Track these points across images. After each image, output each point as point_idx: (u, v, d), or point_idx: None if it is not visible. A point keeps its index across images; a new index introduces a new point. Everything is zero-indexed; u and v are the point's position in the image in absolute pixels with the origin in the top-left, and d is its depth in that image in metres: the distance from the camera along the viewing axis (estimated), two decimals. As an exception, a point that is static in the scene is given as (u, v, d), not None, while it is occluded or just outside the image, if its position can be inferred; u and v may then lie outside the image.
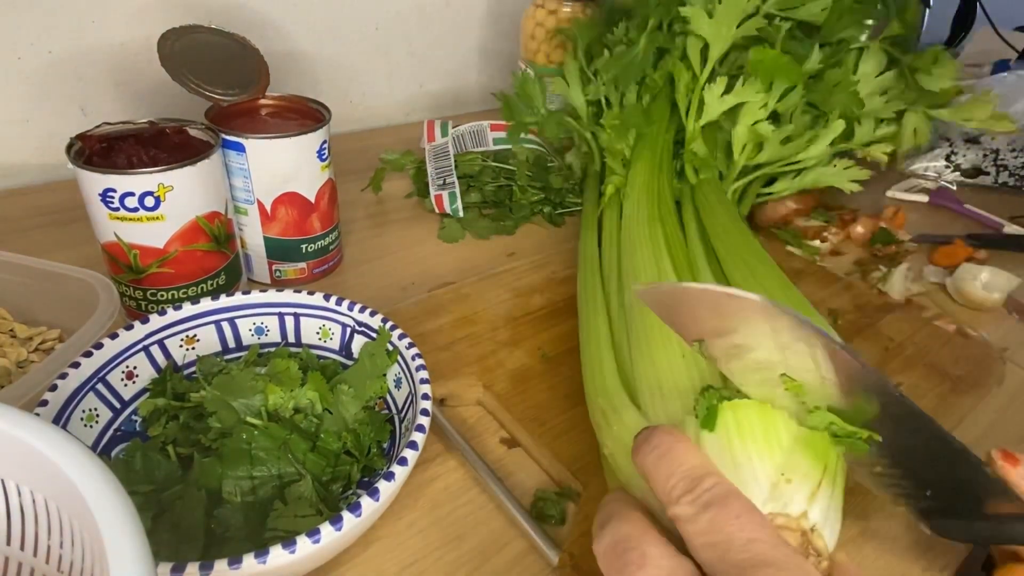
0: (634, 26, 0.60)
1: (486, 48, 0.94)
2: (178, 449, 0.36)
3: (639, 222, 0.46)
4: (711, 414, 0.27)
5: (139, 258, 0.43)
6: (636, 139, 0.56)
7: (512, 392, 0.43)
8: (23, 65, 0.61)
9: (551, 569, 0.34)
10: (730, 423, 0.27)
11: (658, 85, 0.58)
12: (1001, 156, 0.78)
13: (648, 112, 0.57)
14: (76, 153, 0.42)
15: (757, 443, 0.26)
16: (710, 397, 0.28)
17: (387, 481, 0.30)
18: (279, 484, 0.34)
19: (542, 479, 0.39)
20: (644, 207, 0.47)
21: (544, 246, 0.62)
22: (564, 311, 0.52)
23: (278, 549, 0.27)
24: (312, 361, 0.41)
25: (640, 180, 0.51)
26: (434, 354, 0.46)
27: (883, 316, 0.55)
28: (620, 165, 0.56)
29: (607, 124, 0.57)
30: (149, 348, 0.39)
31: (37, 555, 0.25)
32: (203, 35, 0.51)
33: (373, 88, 0.86)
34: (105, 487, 0.20)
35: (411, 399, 0.37)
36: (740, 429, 0.27)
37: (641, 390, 0.33)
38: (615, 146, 0.56)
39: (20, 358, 0.41)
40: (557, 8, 0.73)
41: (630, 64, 0.58)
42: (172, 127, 0.45)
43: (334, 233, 0.55)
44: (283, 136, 0.47)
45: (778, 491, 0.26)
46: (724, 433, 0.27)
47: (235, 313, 0.42)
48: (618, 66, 0.58)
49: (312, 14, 0.76)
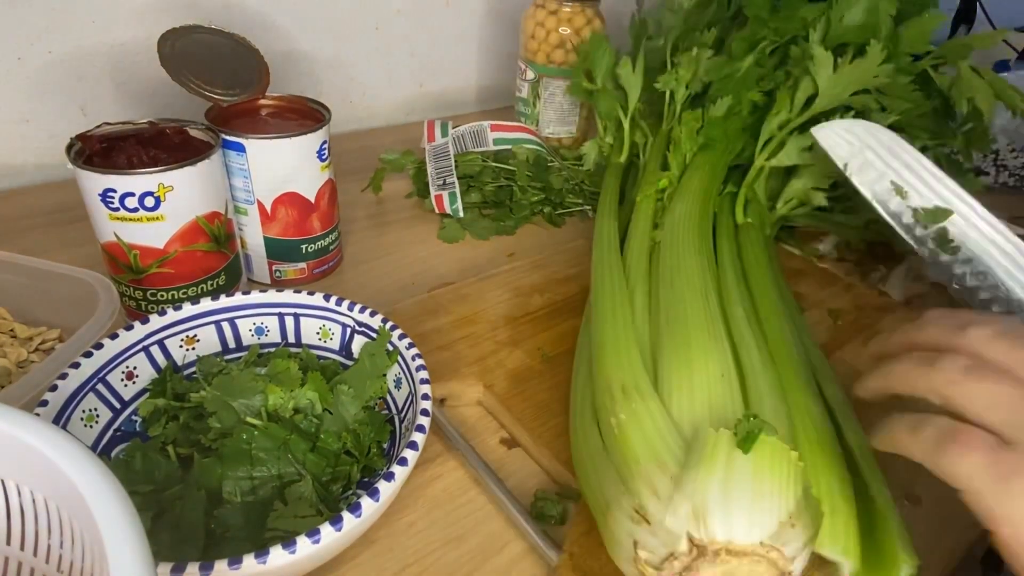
0: (742, 38, 0.58)
1: (486, 48, 0.94)
2: (178, 449, 0.36)
3: (688, 231, 0.46)
4: (750, 439, 0.28)
5: (139, 258, 0.43)
6: (699, 148, 0.55)
7: (512, 392, 0.43)
8: (23, 65, 0.61)
9: (551, 569, 0.34)
10: (764, 454, 0.28)
11: (747, 107, 0.57)
12: (1001, 156, 0.78)
13: (727, 129, 0.56)
14: (76, 153, 0.42)
15: (779, 482, 0.28)
16: (754, 424, 0.29)
17: (387, 481, 0.30)
18: (279, 484, 0.34)
19: (542, 479, 0.39)
20: (695, 218, 0.47)
21: (544, 246, 0.62)
22: (564, 311, 0.52)
23: (278, 549, 0.27)
24: (312, 361, 0.41)
25: (695, 188, 0.51)
26: (434, 354, 0.46)
27: (883, 316, 0.55)
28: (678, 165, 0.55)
29: (684, 122, 0.55)
30: (149, 348, 0.39)
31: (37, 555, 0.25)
32: (203, 35, 0.51)
33: (373, 88, 0.86)
34: (105, 487, 0.20)
35: (411, 399, 0.37)
36: (771, 463, 0.28)
37: (670, 384, 0.34)
38: (683, 145, 0.55)
39: (20, 358, 0.41)
40: (557, 8, 0.73)
41: (728, 78, 0.56)
42: (172, 127, 0.45)
43: (334, 233, 0.55)
44: (283, 136, 0.47)
45: (784, 530, 0.27)
46: (755, 460, 0.28)
47: (235, 313, 0.42)
48: (717, 75, 0.57)
49: (312, 14, 0.76)
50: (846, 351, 0.50)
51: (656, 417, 0.32)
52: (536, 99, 0.79)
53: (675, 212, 0.48)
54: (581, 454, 0.35)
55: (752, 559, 0.27)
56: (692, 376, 0.33)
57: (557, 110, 0.79)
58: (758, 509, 0.27)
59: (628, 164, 0.63)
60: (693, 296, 0.39)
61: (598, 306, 0.41)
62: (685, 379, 0.33)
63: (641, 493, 0.29)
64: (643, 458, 0.30)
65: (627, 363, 0.36)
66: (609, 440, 0.33)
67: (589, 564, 0.33)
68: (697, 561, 0.27)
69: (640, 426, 0.31)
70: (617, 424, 0.32)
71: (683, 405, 0.32)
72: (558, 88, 0.77)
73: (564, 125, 0.80)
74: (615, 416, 0.33)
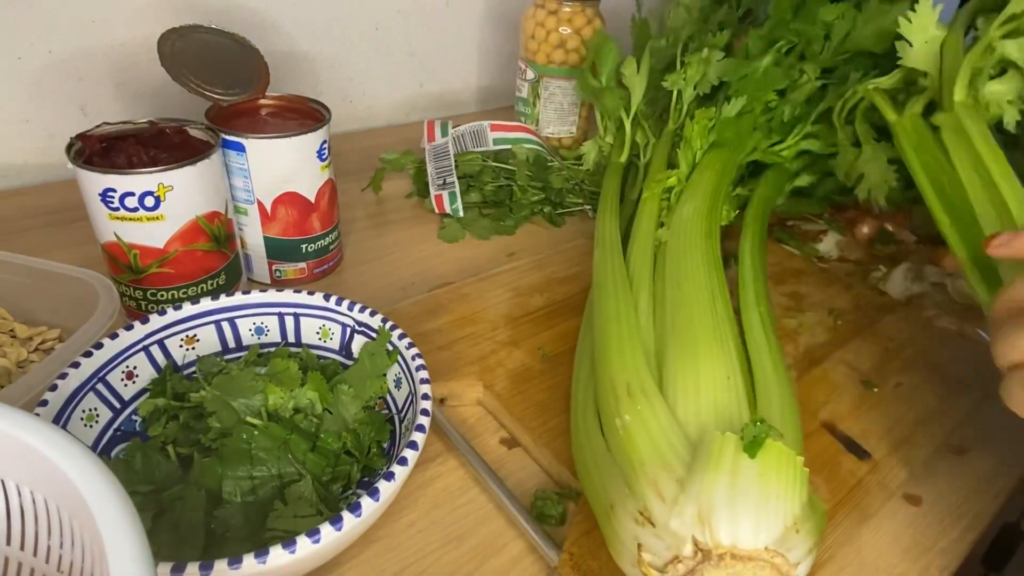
0: (759, 37, 0.58)
1: (486, 48, 0.94)
2: (178, 449, 0.36)
3: (696, 230, 0.46)
4: (757, 443, 0.28)
5: (139, 258, 0.43)
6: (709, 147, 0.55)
7: (512, 392, 0.43)
8: (23, 65, 0.61)
9: (551, 569, 0.34)
10: (771, 459, 0.28)
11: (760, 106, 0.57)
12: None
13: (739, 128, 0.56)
14: (76, 153, 0.42)
15: (785, 487, 0.28)
16: (762, 429, 0.29)
17: (387, 481, 0.30)
18: (279, 484, 0.34)
19: (542, 479, 0.39)
20: (704, 218, 0.47)
21: (544, 246, 0.62)
22: (564, 311, 0.52)
23: (278, 549, 0.27)
24: (312, 361, 0.41)
25: (704, 187, 0.51)
26: (434, 354, 0.46)
27: (883, 316, 0.55)
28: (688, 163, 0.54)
29: (697, 120, 0.55)
30: (149, 348, 0.39)
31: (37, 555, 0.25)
32: (203, 35, 0.51)
33: (373, 88, 0.86)
34: (105, 487, 0.20)
35: (411, 399, 0.37)
36: (777, 469, 0.28)
37: (675, 386, 0.34)
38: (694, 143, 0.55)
39: (20, 358, 0.41)
40: (557, 8, 0.73)
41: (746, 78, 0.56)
42: (172, 127, 0.45)
43: (334, 233, 0.55)
44: (283, 136, 0.47)
45: (788, 535, 0.27)
46: (761, 465, 0.28)
47: (235, 313, 0.42)
48: (735, 74, 0.57)
49: (312, 14, 0.76)
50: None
51: (661, 419, 0.32)
52: (536, 99, 0.79)
53: (683, 211, 0.48)
54: (583, 454, 0.35)
55: (756, 564, 0.27)
56: (698, 378, 0.33)
57: (557, 110, 0.79)
58: (764, 514, 0.27)
59: (627, 165, 0.63)
60: (700, 297, 0.39)
61: (601, 306, 0.41)
62: (691, 381, 0.33)
63: (646, 495, 0.29)
64: (648, 460, 0.30)
65: (632, 364, 0.36)
66: (613, 441, 0.33)
67: (589, 564, 0.33)
68: (701, 565, 0.27)
69: (645, 428, 0.31)
70: (622, 425, 0.32)
71: (688, 407, 0.32)
72: (558, 88, 0.77)
73: (564, 125, 0.80)
74: (620, 417, 0.33)
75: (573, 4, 0.73)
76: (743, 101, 0.55)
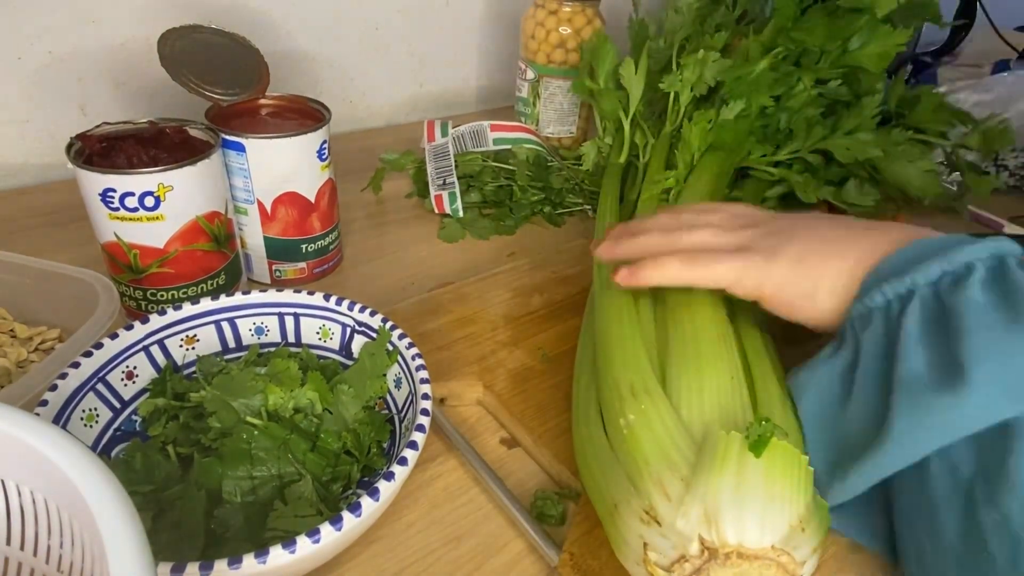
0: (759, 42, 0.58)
1: (486, 48, 0.94)
2: (178, 449, 0.36)
3: None
4: (761, 442, 0.28)
5: (139, 258, 0.43)
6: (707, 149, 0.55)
7: (512, 392, 0.43)
8: (23, 65, 0.61)
9: (551, 569, 0.34)
10: (776, 458, 0.28)
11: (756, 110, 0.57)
12: (1001, 156, 0.78)
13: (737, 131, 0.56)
14: (76, 153, 0.42)
15: (791, 486, 0.28)
16: (766, 428, 0.29)
17: (387, 481, 0.30)
18: (279, 484, 0.34)
19: (542, 479, 0.39)
20: None
21: (544, 246, 0.62)
22: (564, 311, 0.52)
23: (278, 549, 0.27)
24: (312, 361, 0.41)
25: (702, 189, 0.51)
26: (434, 354, 0.46)
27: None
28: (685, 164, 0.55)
29: (696, 122, 0.55)
30: (149, 348, 0.39)
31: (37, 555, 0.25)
32: (203, 35, 0.51)
33: (373, 88, 0.86)
34: (105, 487, 0.20)
35: (411, 399, 0.37)
36: (782, 467, 0.28)
37: (679, 385, 0.34)
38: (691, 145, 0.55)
39: (20, 358, 0.41)
40: (557, 8, 0.73)
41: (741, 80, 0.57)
42: (172, 127, 0.45)
43: (334, 233, 0.55)
44: (283, 136, 0.47)
45: (794, 534, 0.27)
46: (767, 464, 0.28)
47: (235, 313, 0.42)
48: (731, 76, 0.57)
49: (312, 14, 0.76)
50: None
51: (666, 418, 0.32)
52: (536, 99, 0.79)
53: None
54: (586, 454, 0.35)
55: (763, 563, 0.27)
56: (701, 378, 0.33)
57: (557, 110, 0.79)
58: (770, 513, 0.27)
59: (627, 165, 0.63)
60: (702, 296, 0.39)
61: (602, 306, 0.41)
62: (694, 381, 0.33)
63: (651, 494, 0.29)
64: (653, 460, 0.30)
65: (635, 363, 0.36)
66: (617, 441, 0.33)
67: (589, 564, 0.33)
68: (708, 564, 0.27)
69: (650, 427, 0.31)
70: (626, 425, 0.32)
71: (692, 407, 0.32)
72: (558, 88, 0.77)
73: (564, 125, 0.80)
74: (624, 417, 0.33)
75: (573, 4, 0.73)
76: (742, 104, 0.55)
